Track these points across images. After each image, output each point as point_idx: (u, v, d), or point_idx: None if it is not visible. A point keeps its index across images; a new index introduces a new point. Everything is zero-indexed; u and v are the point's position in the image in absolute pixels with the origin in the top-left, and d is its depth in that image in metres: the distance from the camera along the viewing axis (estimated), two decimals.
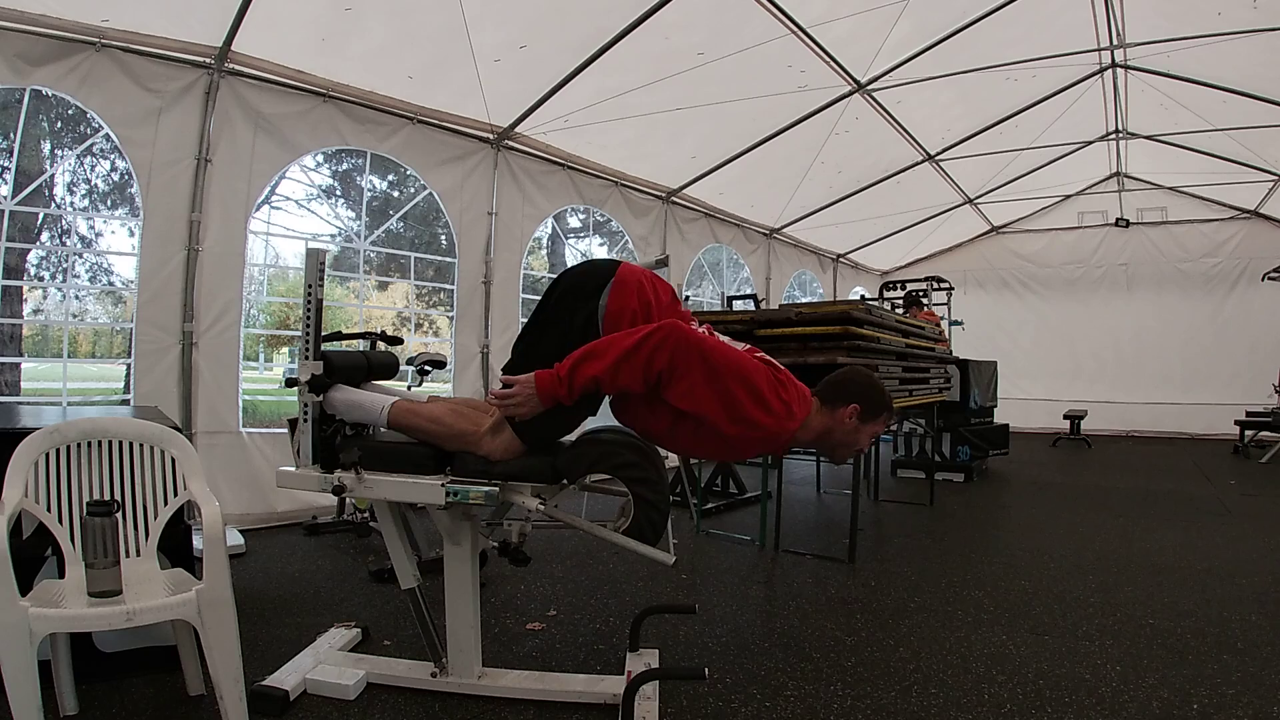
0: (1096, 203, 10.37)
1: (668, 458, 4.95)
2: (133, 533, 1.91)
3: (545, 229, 6.88)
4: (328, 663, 2.15)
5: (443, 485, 1.81)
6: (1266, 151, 7.40)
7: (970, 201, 9.44)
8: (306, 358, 1.85)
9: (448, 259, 5.24)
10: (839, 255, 10.35)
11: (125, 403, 4.06)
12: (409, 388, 2.54)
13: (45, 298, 7.83)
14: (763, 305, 6.91)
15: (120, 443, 1.93)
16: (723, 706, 2.05)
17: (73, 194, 7.07)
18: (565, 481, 1.88)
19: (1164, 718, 2.00)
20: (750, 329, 3.74)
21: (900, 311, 6.85)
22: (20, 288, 5.55)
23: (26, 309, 6.76)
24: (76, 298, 7.12)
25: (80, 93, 3.44)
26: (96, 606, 1.62)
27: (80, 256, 6.96)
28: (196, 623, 1.66)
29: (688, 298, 7.36)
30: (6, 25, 3.21)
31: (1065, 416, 9.36)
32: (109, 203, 7.34)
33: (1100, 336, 10.37)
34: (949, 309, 9.06)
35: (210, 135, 3.80)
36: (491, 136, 5.19)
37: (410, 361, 2.74)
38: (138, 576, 1.81)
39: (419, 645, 2.15)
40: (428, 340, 6.74)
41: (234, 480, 3.90)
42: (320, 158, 6.69)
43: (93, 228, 7.00)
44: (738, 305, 6.58)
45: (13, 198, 3.54)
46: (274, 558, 3.45)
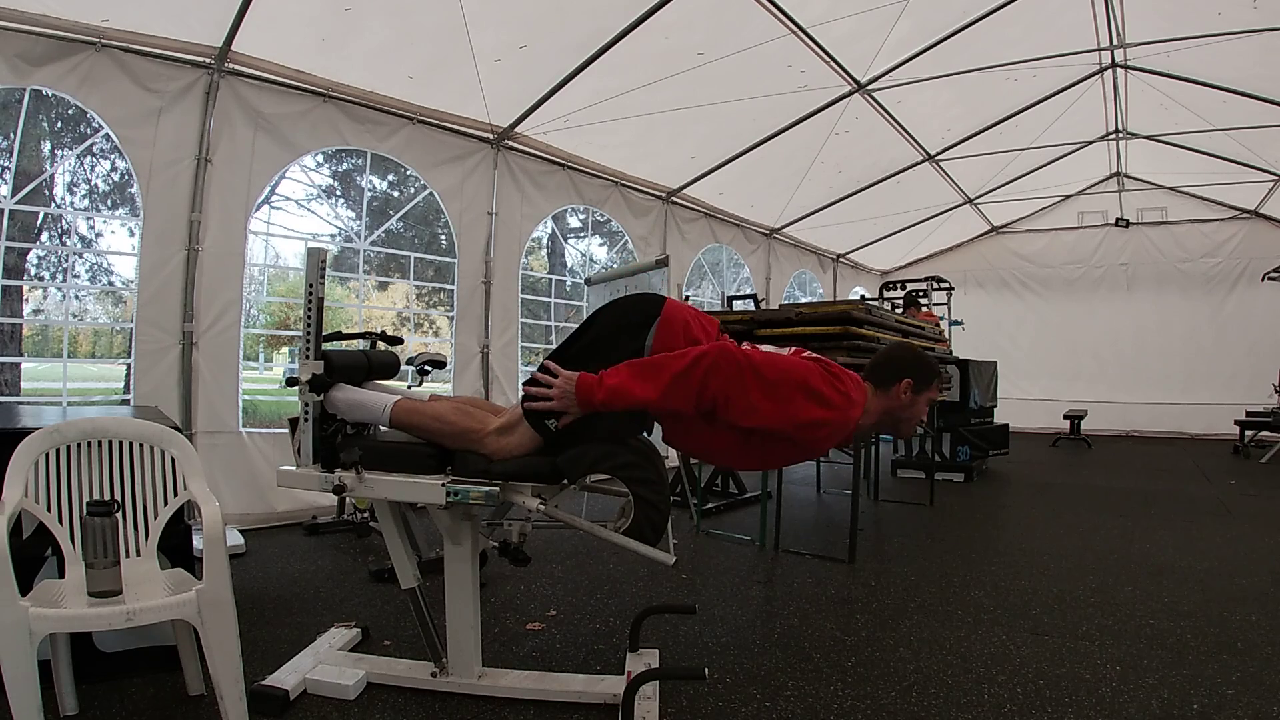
0: (1096, 203, 10.38)
1: (667, 457, 4.96)
2: (133, 533, 1.91)
3: (545, 229, 6.88)
4: (328, 663, 2.15)
5: (443, 485, 1.81)
6: (1266, 151, 7.40)
7: (970, 201, 9.44)
8: (307, 357, 1.85)
9: (448, 259, 5.24)
10: (839, 255, 10.35)
11: (125, 403, 4.06)
12: (409, 387, 2.53)
13: (45, 298, 7.82)
14: (763, 305, 6.91)
15: (120, 443, 1.93)
16: (723, 706, 2.05)
17: (73, 194, 7.07)
18: (565, 481, 1.88)
19: (1164, 718, 2.00)
20: (750, 329, 3.74)
21: (900, 312, 6.85)
22: (20, 288, 5.55)
23: (26, 309, 6.76)
24: (76, 298, 7.12)
25: (80, 93, 3.44)
26: (96, 606, 1.62)
27: (80, 256, 6.96)
28: (196, 623, 1.66)
29: (688, 298, 7.36)
30: (6, 25, 3.21)
31: (1065, 416, 9.36)
32: (109, 203, 7.34)
33: (1100, 336, 10.37)
34: (949, 309, 9.07)
35: (210, 135, 3.80)
36: (491, 136, 5.19)
37: (410, 361, 2.74)
38: (138, 576, 1.81)
39: (419, 645, 2.15)
40: (428, 340, 6.74)
41: (234, 480, 3.90)
42: (320, 158, 6.68)
43: (93, 228, 7.00)
44: (738, 305, 6.58)
45: (13, 197, 3.54)
46: (274, 558, 3.45)
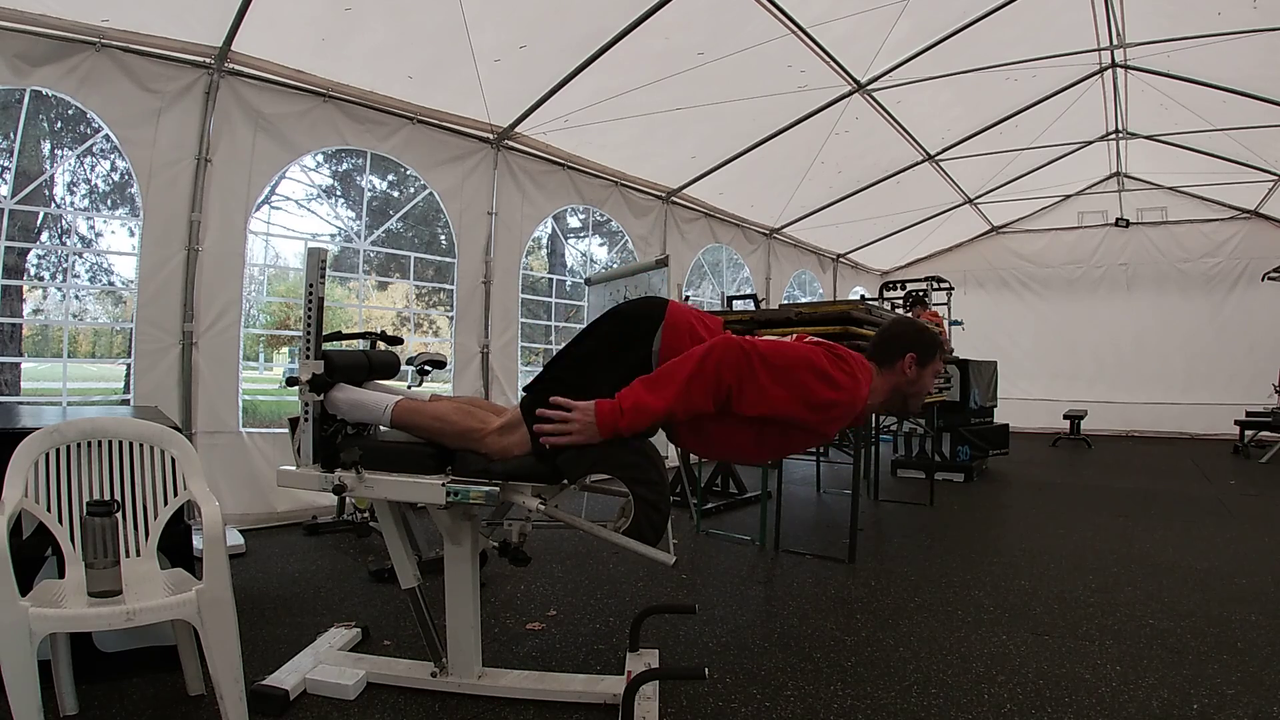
0: (1096, 203, 10.37)
1: (667, 457, 4.96)
2: (133, 533, 1.91)
3: (545, 229, 6.89)
4: (328, 663, 2.15)
5: (443, 485, 1.81)
6: (1266, 151, 7.40)
7: (970, 201, 9.44)
8: (308, 357, 1.85)
9: (447, 259, 5.24)
10: (839, 255, 10.35)
11: (125, 403, 4.06)
12: (409, 387, 2.53)
13: (45, 297, 7.82)
14: (763, 305, 6.91)
15: (120, 443, 1.93)
16: (723, 706, 2.05)
17: (73, 194, 7.07)
18: (565, 481, 1.88)
19: (1164, 718, 2.00)
20: (750, 329, 3.74)
21: (901, 311, 6.85)
22: (20, 288, 5.55)
23: (26, 309, 6.76)
24: (76, 298, 7.12)
25: (80, 93, 3.44)
26: (96, 606, 1.62)
27: (80, 256, 6.96)
28: (196, 623, 1.66)
29: (688, 298, 7.36)
30: (6, 25, 3.21)
31: (1065, 416, 9.36)
32: (109, 203, 7.35)
33: (1100, 336, 10.37)
34: (949, 309, 9.06)
35: (210, 135, 3.80)
36: (491, 136, 5.19)
37: (410, 361, 2.74)
38: (138, 576, 1.81)
39: (419, 645, 2.15)
40: (428, 340, 6.74)
41: (234, 480, 3.90)
42: (320, 158, 6.69)
43: (93, 228, 7.00)
44: (738, 305, 6.58)
45: (13, 198, 3.54)
46: (274, 558, 3.45)
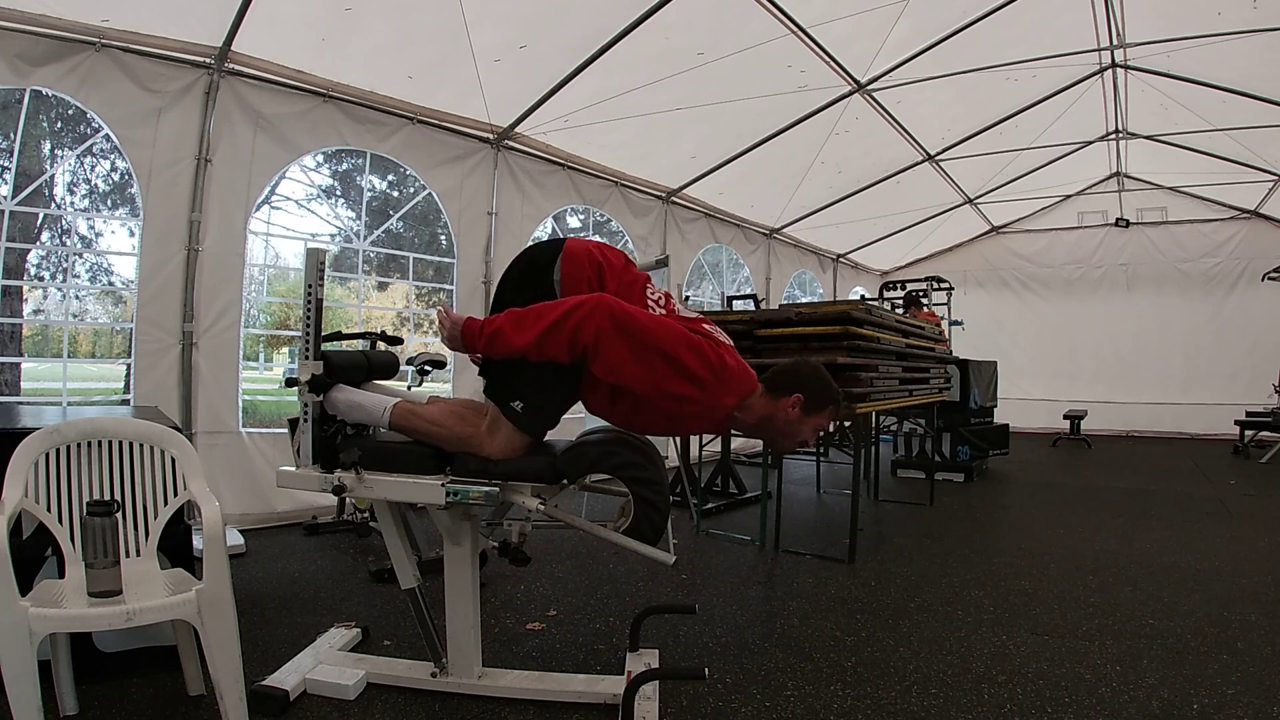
0: (1096, 203, 10.37)
1: (667, 457, 4.96)
2: (133, 533, 1.91)
3: (545, 229, 6.88)
4: (328, 663, 2.15)
5: (443, 485, 1.81)
6: (1266, 151, 7.39)
7: (970, 201, 9.44)
8: (307, 358, 1.86)
9: (447, 259, 5.24)
10: (839, 255, 10.35)
11: (125, 403, 4.06)
12: (409, 388, 2.53)
13: (45, 298, 7.82)
14: (763, 305, 6.91)
15: (120, 443, 1.93)
16: (723, 706, 2.05)
17: (73, 194, 7.07)
18: (565, 481, 1.88)
19: (1164, 718, 2.00)
20: (750, 329, 3.74)
21: (900, 312, 6.85)
22: (20, 288, 5.55)
23: (26, 309, 6.75)
24: (76, 298, 7.12)
25: (80, 93, 3.44)
26: (96, 606, 1.62)
27: (80, 256, 6.96)
28: (196, 623, 1.66)
29: (688, 298, 7.36)
30: (6, 25, 3.21)
31: (1065, 416, 9.36)
32: (109, 203, 7.34)
33: (1100, 336, 10.36)
34: (949, 309, 9.07)
35: (210, 135, 3.80)
36: (491, 136, 5.18)
37: (410, 361, 2.74)
38: (138, 576, 1.81)
39: (419, 645, 2.15)
40: (428, 340, 6.74)
41: (234, 480, 3.90)
42: (320, 158, 6.68)
43: (93, 228, 7.00)
44: (738, 305, 6.58)
45: (13, 198, 3.53)
46: (274, 558, 3.45)
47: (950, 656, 2.42)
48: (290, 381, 1.89)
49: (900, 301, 8.79)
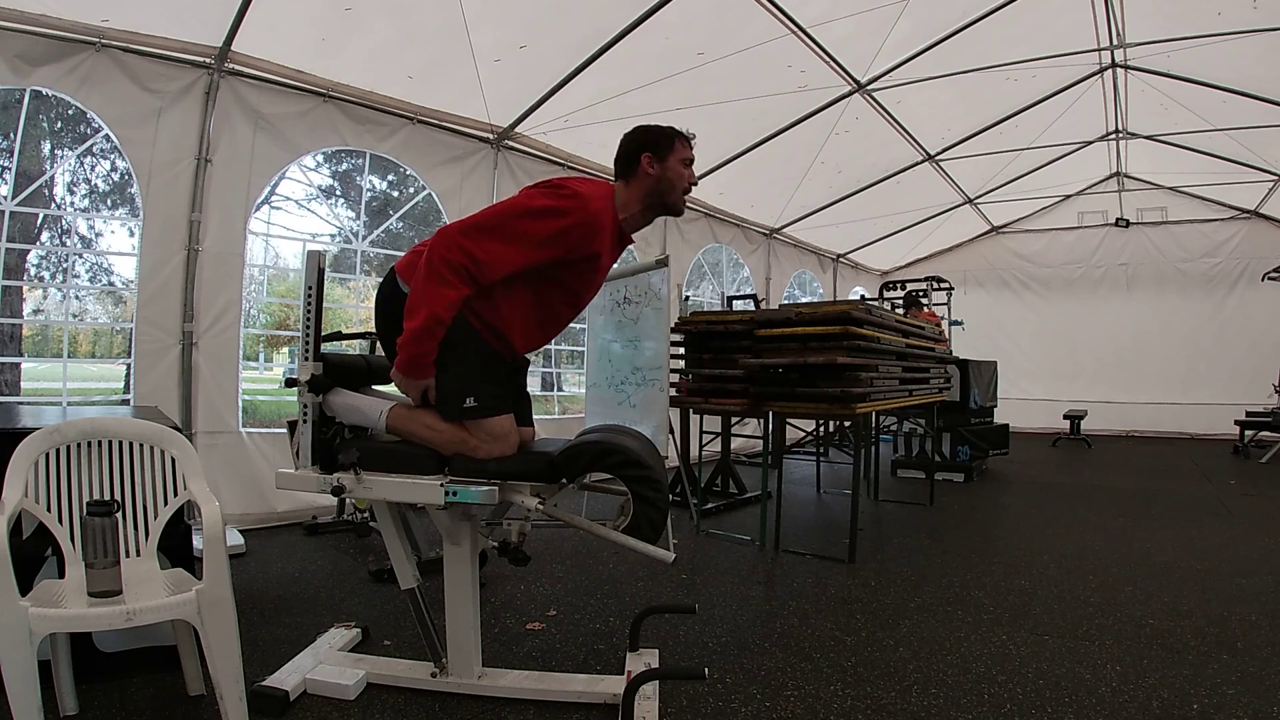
0: (1096, 203, 10.37)
1: (667, 457, 4.95)
2: (133, 533, 1.91)
3: None
4: (328, 663, 2.15)
5: (441, 485, 1.81)
6: (1266, 151, 7.39)
7: (970, 201, 9.44)
8: (306, 358, 1.86)
9: None
10: (839, 255, 10.34)
11: (125, 403, 4.07)
12: None
13: (45, 298, 7.83)
14: (763, 305, 6.91)
15: (120, 443, 1.93)
16: (723, 706, 2.05)
17: (73, 194, 7.07)
18: (564, 480, 1.88)
19: (1164, 718, 2.00)
20: (750, 329, 3.74)
21: (900, 312, 6.85)
22: (20, 288, 5.55)
23: (26, 309, 6.76)
24: (76, 298, 7.12)
25: (80, 93, 3.43)
26: (96, 606, 1.62)
27: (80, 256, 6.97)
28: (196, 623, 1.66)
29: (688, 298, 7.36)
30: (6, 25, 3.21)
31: (1065, 416, 9.36)
32: (109, 203, 7.35)
33: (1100, 336, 10.36)
34: (949, 309, 9.07)
35: (210, 135, 3.80)
36: (491, 136, 5.18)
37: None
38: (138, 576, 1.81)
39: (419, 645, 2.15)
40: None
41: (234, 480, 3.90)
42: (320, 158, 6.69)
43: (92, 228, 7.01)
44: (738, 305, 6.58)
45: (13, 198, 3.54)
46: (274, 558, 3.45)
47: (950, 656, 2.42)
48: (290, 382, 1.90)
49: (900, 301, 8.80)
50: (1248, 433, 8.06)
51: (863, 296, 10.73)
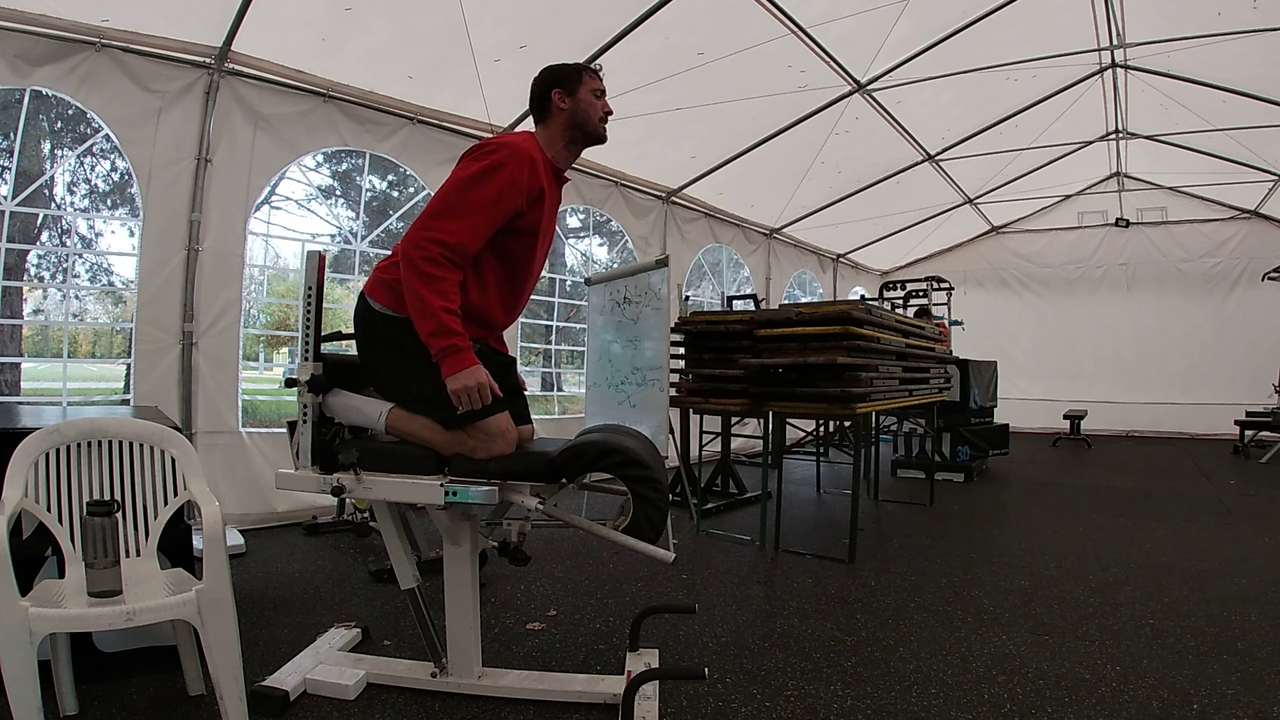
0: (1096, 203, 10.37)
1: (667, 457, 4.95)
2: (133, 533, 1.91)
3: None
4: (328, 663, 2.15)
5: (442, 485, 1.81)
6: (1266, 151, 7.39)
7: (970, 201, 9.44)
8: (306, 359, 1.86)
9: None
10: (839, 255, 10.35)
11: (125, 403, 4.06)
12: None
13: (45, 298, 7.83)
14: (763, 305, 6.91)
15: (120, 443, 1.93)
16: (723, 706, 2.05)
17: (73, 194, 7.08)
18: (564, 480, 1.88)
19: (1164, 718, 2.00)
20: (750, 329, 3.74)
21: (900, 312, 6.85)
22: (20, 288, 5.55)
23: (26, 309, 6.76)
24: (76, 298, 7.12)
25: (80, 93, 3.43)
26: (96, 606, 1.62)
27: (80, 256, 6.97)
28: (196, 623, 1.66)
29: (688, 298, 7.36)
30: (6, 25, 3.21)
31: (1065, 416, 9.36)
32: (109, 203, 7.35)
33: (1100, 336, 10.36)
34: (949, 309, 9.07)
35: (210, 135, 3.79)
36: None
37: None
38: (138, 576, 1.81)
39: (419, 645, 2.15)
40: None
41: (234, 480, 3.90)
42: (320, 158, 6.69)
43: (92, 228, 7.01)
44: (738, 305, 6.58)
45: (13, 198, 3.54)
46: (274, 558, 3.45)
47: (950, 656, 2.42)
48: (290, 382, 1.90)
49: (900, 301, 8.80)
50: (1248, 433, 8.06)
51: (863, 296, 10.73)
